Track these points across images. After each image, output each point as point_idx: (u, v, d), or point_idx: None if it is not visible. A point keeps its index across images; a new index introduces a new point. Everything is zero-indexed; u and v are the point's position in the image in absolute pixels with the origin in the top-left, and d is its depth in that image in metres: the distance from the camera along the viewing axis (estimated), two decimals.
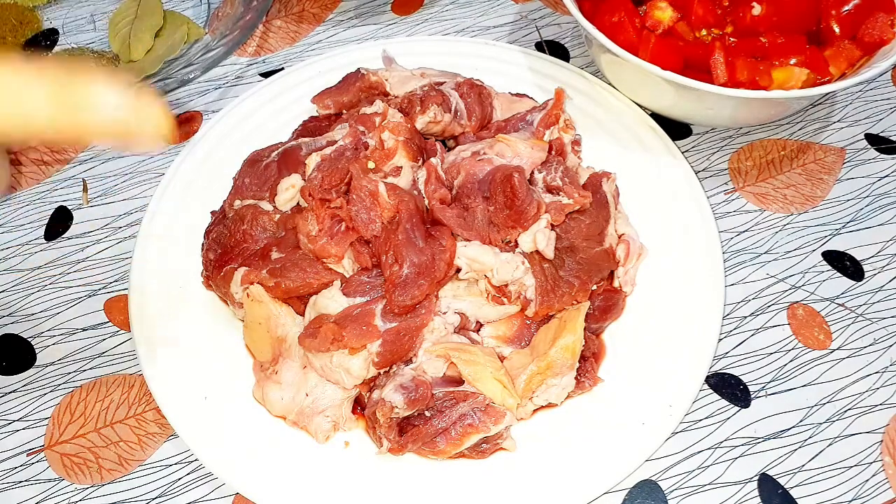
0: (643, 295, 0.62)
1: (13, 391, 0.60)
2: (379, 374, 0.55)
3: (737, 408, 0.59)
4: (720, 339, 0.61)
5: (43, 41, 0.82)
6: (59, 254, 0.68)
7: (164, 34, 0.80)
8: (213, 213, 0.64)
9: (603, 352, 0.59)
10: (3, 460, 0.57)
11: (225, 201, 0.64)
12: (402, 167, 0.57)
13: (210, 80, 0.80)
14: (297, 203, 0.60)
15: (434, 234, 0.55)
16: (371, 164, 0.57)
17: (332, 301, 0.55)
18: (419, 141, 0.61)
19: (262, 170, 0.63)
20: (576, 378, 0.55)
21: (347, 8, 0.88)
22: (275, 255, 0.57)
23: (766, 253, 0.67)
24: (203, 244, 0.62)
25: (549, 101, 0.67)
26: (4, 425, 0.59)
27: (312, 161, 0.59)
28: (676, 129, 0.75)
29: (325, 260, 0.56)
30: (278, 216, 0.60)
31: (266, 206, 0.61)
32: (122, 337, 0.63)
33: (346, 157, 0.58)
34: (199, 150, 0.69)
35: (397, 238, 0.54)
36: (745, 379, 0.60)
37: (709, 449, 0.57)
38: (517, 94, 0.72)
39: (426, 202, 0.58)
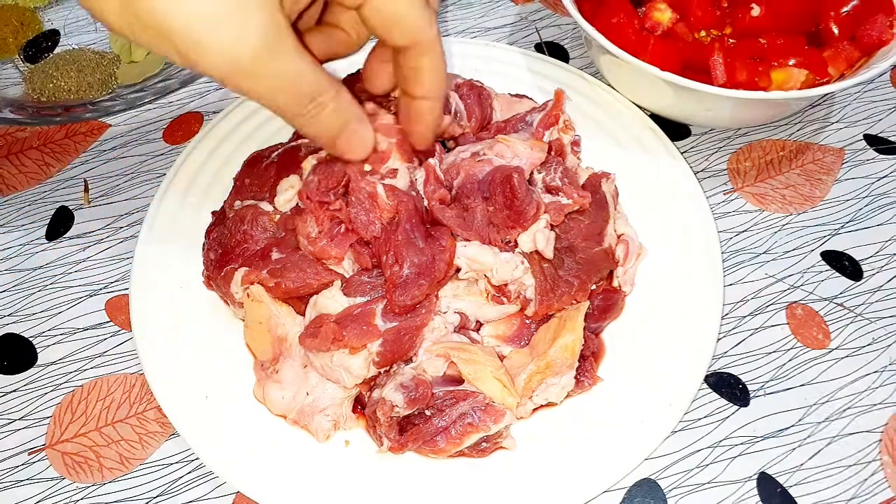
0: (642, 295, 0.62)
1: (14, 390, 0.60)
2: (379, 373, 0.55)
3: (736, 407, 0.59)
4: (719, 339, 0.61)
5: (44, 42, 0.82)
6: (60, 254, 0.68)
7: None
8: (213, 213, 0.64)
9: (602, 351, 0.59)
10: (5, 459, 0.57)
11: (225, 201, 0.64)
12: (397, 169, 0.58)
13: (211, 80, 0.80)
14: (297, 204, 0.61)
15: (434, 235, 0.55)
16: (367, 167, 0.57)
17: (332, 301, 0.56)
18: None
19: (262, 170, 0.63)
20: (575, 377, 0.55)
21: None
22: (275, 255, 0.57)
23: (764, 253, 0.67)
24: (204, 244, 0.62)
25: (548, 101, 0.67)
26: (6, 424, 0.59)
27: (308, 164, 0.59)
28: (675, 130, 0.75)
29: (325, 261, 0.57)
30: (278, 217, 0.60)
31: (266, 206, 0.61)
32: (123, 336, 0.63)
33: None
34: (200, 151, 0.69)
35: (397, 239, 0.54)
36: (744, 378, 0.60)
37: (708, 448, 0.57)
38: (517, 95, 0.72)
39: (425, 202, 0.58)
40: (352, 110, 0.47)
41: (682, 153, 0.69)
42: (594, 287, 0.60)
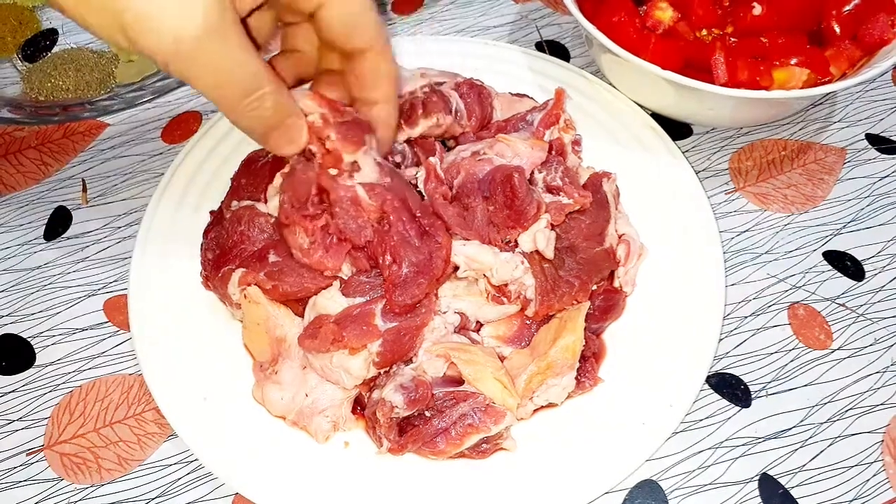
0: (644, 295, 0.61)
1: (13, 391, 0.60)
2: (379, 374, 0.54)
3: (737, 408, 0.59)
4: (721, 339, 0.61)
5: (42, 41, 0.82)
6: (58, 254, 0.68)
7: None
8: (212, 212, 0.64)
9: (603, 352, 0.59)
10: (3, 460, 0.57)
11: (223, 202, 0.63)
12: (356, 161, 0.53)
13: None
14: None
15: (429, 232, 0.55)
16: (333, 171, 0.53)
17: (331, 301, 0.55)
18: (352, 124, 0.54)
19: (258, 170, 0.63)
20: (576, 378, 0.55)
21: None
22: (272, 257, 0.57)
23: (766, 253, 0.67)
24: (202, 244, 0.62)
25: (549, 101, 0.67)
26: (4, 425, 0.59)
27: (277, 182, 0.57)
28: (677, 129, 0.75)
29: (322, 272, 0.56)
30: (274, 218, 0.60)
31: (263, 207, 0.60)
32: (121, 337, 0.63)
33: (300, 167, 0.55)
34: (199, 150, 0.69)
35: (392, 239, 0.53)
36: (745, 379, 0.60)
37: (709, 449, 0.57)
38: (517, 94, 0.72)
39: (419, 189, 0.56)
40: (290, 107, 0.47)
41: (683, 152, 0.69)
42: (595, 287, 0.59)
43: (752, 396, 0.59)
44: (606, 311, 0.60)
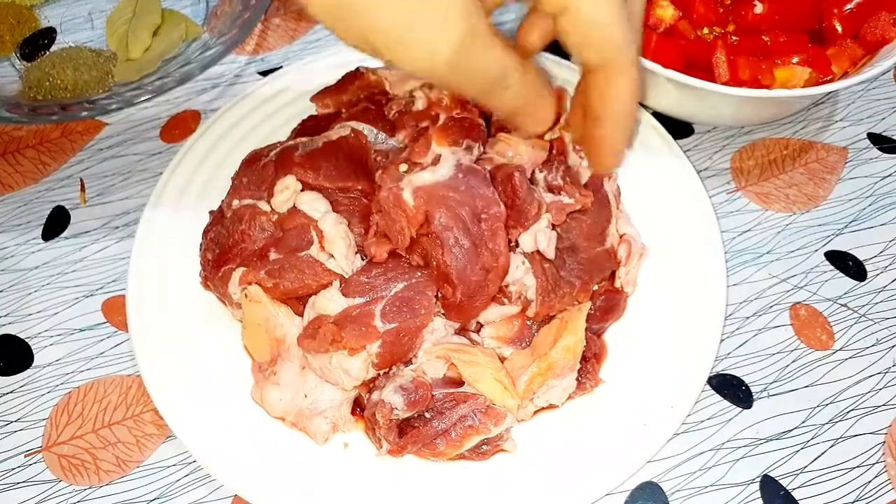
0: (645, 295, 0.61)
1: (11, 392, 0.60)
2: (378, 375, 0.54)
3: (739, 409, 0.58)
4: (722, 340, 0.60)
5: (41, 40, 0.81)
6: (56, 254, 0.68)
7: (162, 32, 0.80)
8: (211, 212, 0.64)
9: (604, 352, 0.59)
10: (1, 462, 0.57)
11: (223, 201, 0.63)
12: (440, 155, 0.54)
13: (208, 78, 0.80)
14: (294, 204, 0.60)
15: (483, 237, 0.53)
16: (403, 167, 0.54)
17: (331, 301, 0.55)
18: (462, 122, 0.58)
19: (260, 169, 0.62)
20: (577, 379, 0.55)
21: None
22: (273, 255, 0.57)
23: (768, 253, 0.67)
24: (201, 244, 0.62)
25: None
26: (2, 426, 0.58)
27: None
28: (678, 129, 0.74)
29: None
30: (276, 217, 0.59)
31: (264, 206, 0.60)
32: (119, 337, 0.63)
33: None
34: (198, 150, 0.69)
35: (441, 257, 0.52)
36: (747, 380, 0.60)
37: (711, 450, 0.56)
38: None
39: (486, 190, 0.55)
40: (533, 89, 0.45)
41: (684, 152, 0.68)
42: (596, 287, 0.59)
43: (754, 397, 0.59)
44: (607, 312, 0.60)
